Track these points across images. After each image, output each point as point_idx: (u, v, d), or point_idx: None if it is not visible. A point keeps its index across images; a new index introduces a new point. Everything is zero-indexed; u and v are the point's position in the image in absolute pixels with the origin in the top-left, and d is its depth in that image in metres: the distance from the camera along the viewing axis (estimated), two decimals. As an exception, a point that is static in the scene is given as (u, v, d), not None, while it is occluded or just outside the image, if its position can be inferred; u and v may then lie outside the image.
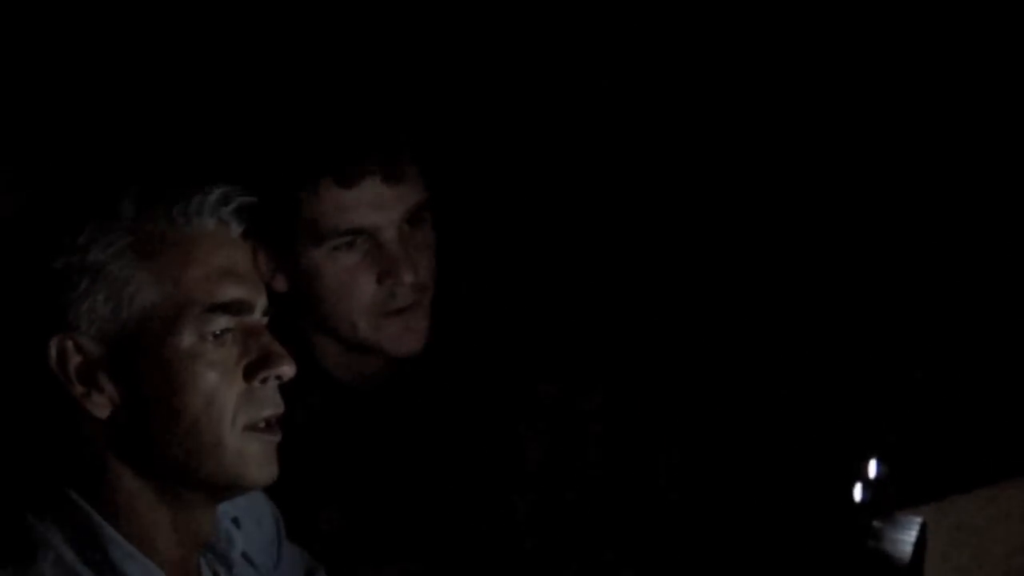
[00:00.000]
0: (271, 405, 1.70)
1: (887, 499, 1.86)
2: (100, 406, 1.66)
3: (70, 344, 1.65)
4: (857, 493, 1.91)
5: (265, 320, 1.74)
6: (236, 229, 1.73)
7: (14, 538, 1.65)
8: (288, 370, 1.71)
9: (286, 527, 1.94)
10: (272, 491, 1.88)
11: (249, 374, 1.69)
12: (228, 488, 1.71)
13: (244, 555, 1.82)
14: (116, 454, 1.67)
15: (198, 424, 1.66)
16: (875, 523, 1.80)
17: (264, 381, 1.69)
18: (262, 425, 1.70)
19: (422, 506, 2.23)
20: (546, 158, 2.77)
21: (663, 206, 2.78)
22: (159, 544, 1.69)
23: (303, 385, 2.09)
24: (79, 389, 1.65)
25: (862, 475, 1.92)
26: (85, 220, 1.66)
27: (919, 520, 1.77)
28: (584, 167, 2.77)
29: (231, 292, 1.68)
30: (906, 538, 1.78)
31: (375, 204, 2.17)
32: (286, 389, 1.76)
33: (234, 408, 1.67)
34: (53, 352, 1.64)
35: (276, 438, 1.71)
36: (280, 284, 2.21)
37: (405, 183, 2.19)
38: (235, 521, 1.81)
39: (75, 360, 1.65)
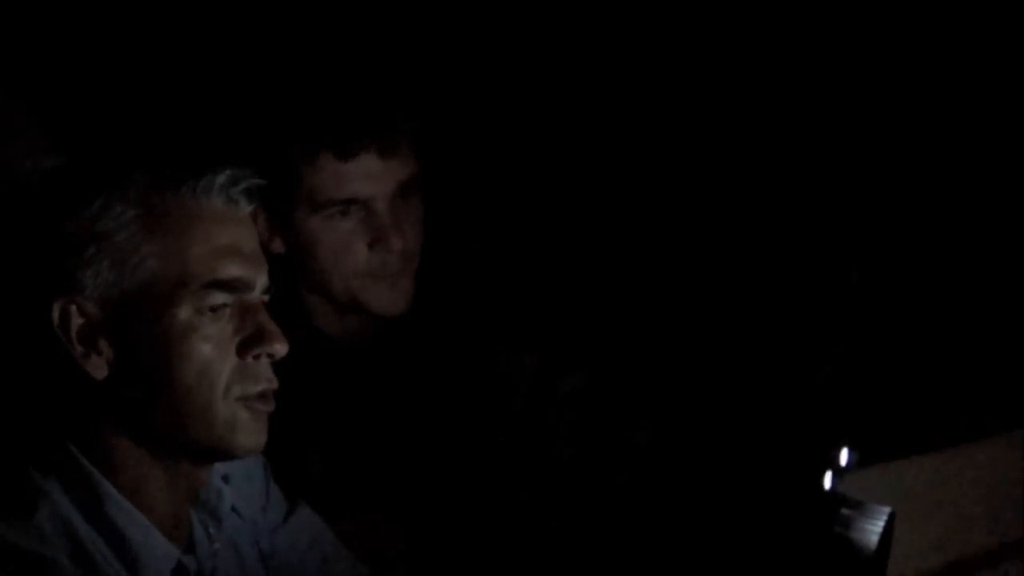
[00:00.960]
0: (264, 380, 1.76)
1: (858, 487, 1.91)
2: (98, 368, 1.71)
3: (73, 307, 1.70)
4: (827, 481, 1.97)
5: (265, 298, 1.79)
6: (244, 208, 1.78)
7: (16, 490, 1.71)
8: (281, 348, 1.76)
9: (274, 473, 2.00)
10: (278, 449, 1.96)
11: (243, 350, 1.74)
12: (218, 453, 1.76)
13: (233, 508, 1.88)
14: (112, 414, 1.73)
15: (190, 393, 1.71)
16: (843, 511, 1.86)
17: (257, 357, 1.75)
18: (255, 396, 1.75)
19: (404, 455, 2.33)
20: (537, 136, 2.82)
21: (646, 188, 2.83)
22: (152, 499, 1.75)
23: (295, 340, 2.21)
24: (79, 350, 1.71)
25: (833, 463, 1.98)
26: (98, 191, 1.71)
27: (888, 510, 1.82)
28: (574, 145, 2.82)
29: (231, 270, 1.74)
30: (873, 527, 1.83)
31: (370, 176, 2.29)
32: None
33: (227, 381, 1.73)
34: (56, 314, 1.70)
35: (268, 408, 1.77)
36: (277, 246, 2.32)
37: (398, 157, 2.31)
38: (225, 478, 1.87)
39: (77, 322, 1.70)
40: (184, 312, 1.71)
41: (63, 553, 1.68)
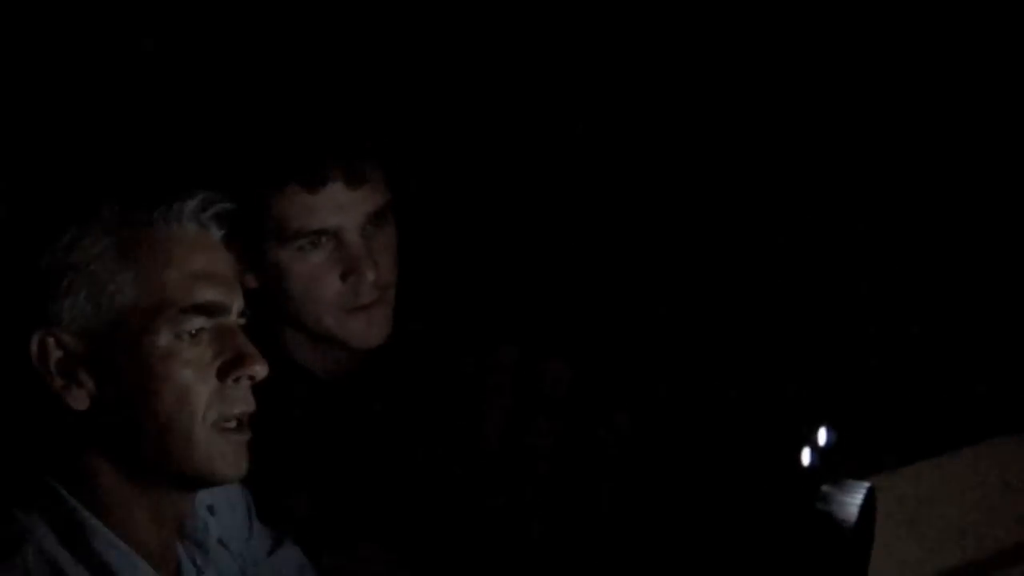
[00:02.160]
0: (242, 403, 1.75)
1: (836, 465, 1.92)
2: (79, 400, 1.70)
3: (51, 340, 1.69)
4: (806, 458, 1.98)
5: (241, 321, 1.78)
6: (216, 233, 1.78)
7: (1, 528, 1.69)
8: (260, 370, 1.76)
9: (260, 513, 1.99)
10: (246, 479, 1.94)
11: (223, 373, 1.73)
12: (199, 481, 1.75)
13: (220, 541, 1.87)
14: (95, 446, 1.71)
15: (171, 420, 1.70)
16: (824, 488, 1.87)
17: (237, 380, 1.74)
18: (232, 424, 1.74)
19: (390, 490, 2.30)
20: (505, 130, 2.82)
21: (620, 178, 2.82)
22: (139, 532, 1.74)
23: (274, 376, 2.19)
24: (59, 383, 1.70)
25: (811, 441, 1.98)
26: (70, 222, 1.70)
27: (867, 485, 1.83)
28: (549, 147, 2.83)
29: (207, 294, 1.73)
30: (853, 501, 1.83)
31: (338, 206, 2.25)
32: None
33: (205, 405, 1.72)
34: (35, 347, 1.69)
35: (245, 437, 1.76)
36: (250, 281, 2.27)
37: (368, 186, 2.27)
38: (210, 508, 1.86)
39: (56, 355, 1.69)
40: (163, 338, 1.70)
41: None
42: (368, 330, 2.29)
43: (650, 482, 2.39)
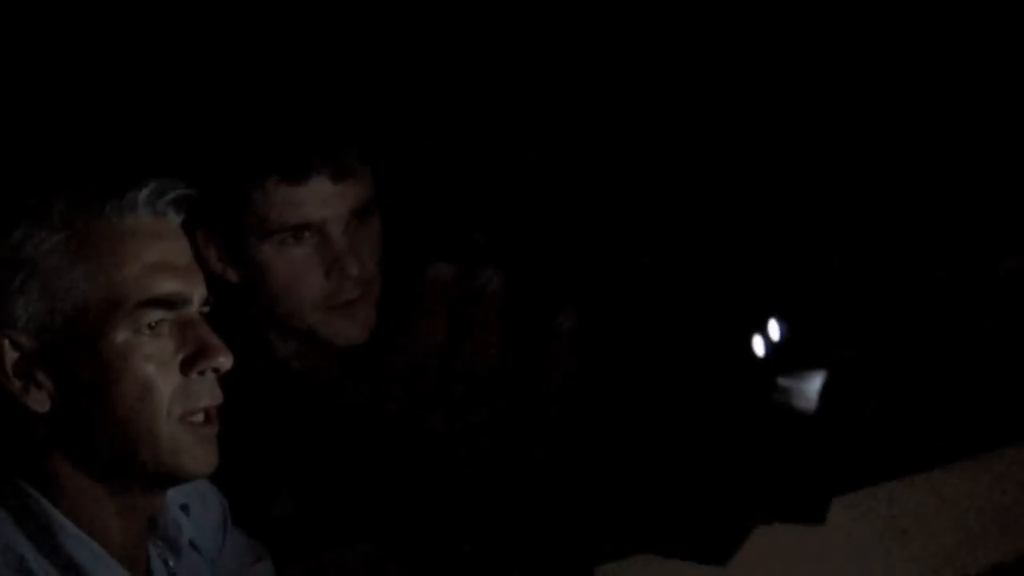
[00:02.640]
0: (208, 396, 1.69)
1: (791, 357, 1.88)
2: (39, 401, 1.65)
3: (6, 341, 1.64)
4: (759, 348, 1.93)
5: (205, 310, 1.72)
6: (174, 220, 1.72)
7: None
8: (225, 361, 1.69)
9: (240, 515, 1.93)
10: (226, 479, 1.88)
11: (186, 367, 1.68)
12: (167, 478, 1.69)
13: (191, 542, 1.81)
14: (58, 446, 1.66)
15: (133, 416, 1.65)
16: (780, 380, 1.83)
17: (201, 373, 1.68)
18: (200, 418, 1.69)
19: (372, 488, 2.23)
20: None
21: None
22: (107, 531, 1.68)
23: (255, 373, 2.14)
24: (16, 384, 1.64)
25: (764, 333, 1.94)
26: (19, 218, 1.65)
27: (823, 373, 1.79)
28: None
29: (165, 286, 1.67)
30: (811, 389, 1.80)
31: (322, 200, 2.20)
32: (238, 377, 1.76)
33: (169, 400, 1.66)
34: None
35: (213, 430, 1.70)
36: (232, 276, 2.24)
37: (351, 180, 2.22)
38: (184, 508, 1.80)
39: (11, 356, 1.64)
40: (121, 334, 1.65)
41: None
42: (351, 327, 2.24)
43: (601, 381, 2.33)
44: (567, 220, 2.66)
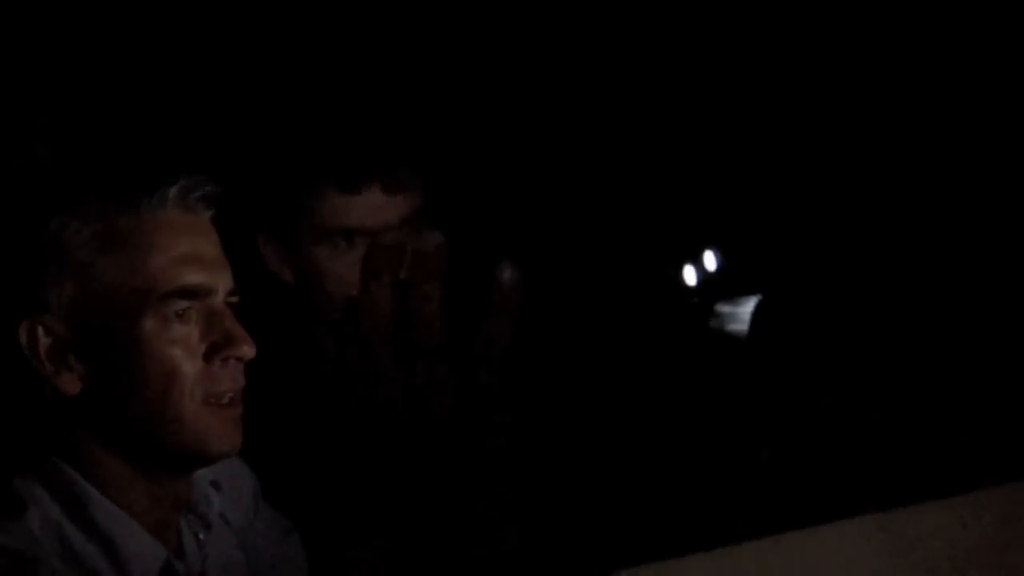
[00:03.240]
0: (229, 380, 1.76)
1: (726, 285, 1.90)
2: (70, 383, 1.73)
3: (40, 327, 1.72)
4: (689, 277, 1.96)
5: (233, 300, 1.79)
6: (204, 215, 1.79)
7: (3, 497, 1.73)
8: (248, 350, 1.77)
9: (275, 500, 2.01)
10: (267, 465, 1.98)
11: (210, 355, 1.75)
12: (192, 458, 1.77)
13: (222, 516, 1.88)
14: (90, 426, 1.74)
15: (159, 398, 1.72)
16: (717, 307, 1.85)
17: (224, 361, 1.75)
18: (224, 400, 1.76)
19: (404, 485, 2.29)
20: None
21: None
22: (138, 505, 1.76)
23: (300, 368, 2.23)
24: (49, 368, 1.72)
25: (697, 263, 1.96)
26: (56, 210, 1.73)
27: (756, 298, 1.82)
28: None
29: (191, 277, 1.74)
30: (744, 312, 1.82)
31: (374, 209, 2.30)
32: (285, 371, 1.83)
33: (192, 383, 1.73)
34: (24, 335, 1.72)
35: (236, 411, 1.77)
36: (288, 276, 2.35)
37: (403, 191, 2.32)
38: (214, 484, 1.87)
39: (44, 342, 1.72)
40: (149, 323, 1.72)
41: (54, 554, 1.70)
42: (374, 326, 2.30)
43: (546, 328, 2.36)
44: (504, 172, 2.68)
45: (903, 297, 2.24)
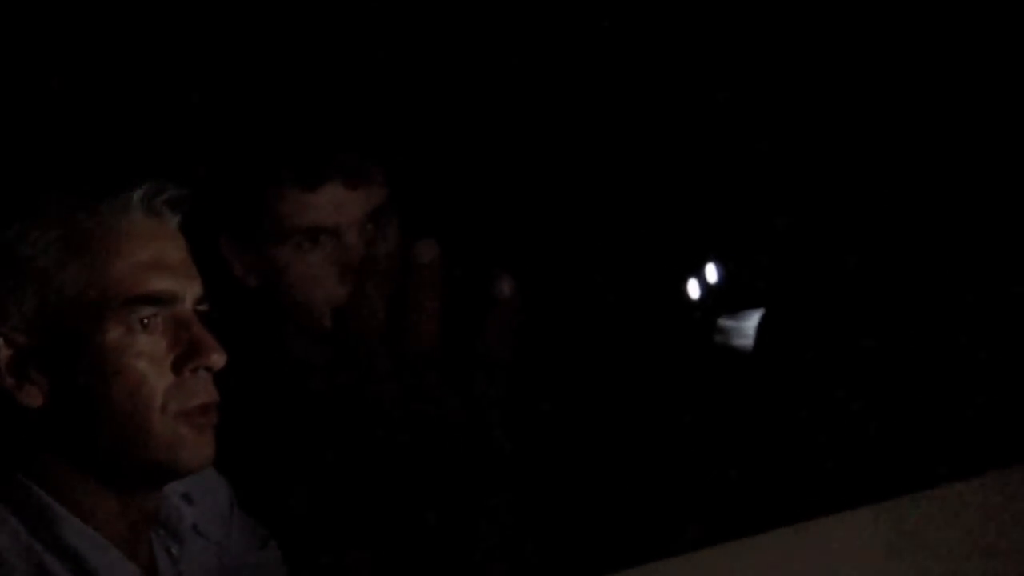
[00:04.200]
0: (202, 394, 1.69)
1: (729, 299, 1.87)
2: (32, 397, 1.66)
3: (0, 339, 1.65)
4: (693, 291, 1.93)
5: (202, 308, 1.72)
6: (170, 220, 1.72)
7: None
8: (218, 359, 1.69)
9: (254, 508, 1.94)
10: (241, 474, 1.92)
11: (178, 365, 1.68)
12: (163, 473, 1.70)
13: (195, 528, 1.81)
14: (55, 441, 1.67)
15: (127, 412, 1.65)
16: (720, 321, 1.82)
17: (194, 371, 1.68)
18: (196, 412, 1.69)
19: (384, 489, 2.25)
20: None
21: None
22: (108, 522, 1.69)
23: (272, 373, 2.16)
24: (10, 381, 1.65)
25: (700, 276, 1.93)
26: (13, 216, 1.67)
27: (760, 311, 1.79)
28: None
29: (155, 283, 1.67)
30: (748, 327, 1.79)
31: (337, 205, 2.24)
32: (256, 376, 1.77)
33: (163, 397, 1.66)
34: None
35: (210, 422, 1.70)
36: (252, 279, 2.27)
37: (365, 187, 2.25)
38: (186, 496, 1.81)
39: (5, 354, 1.65)
40: (112, 332, 1.65)
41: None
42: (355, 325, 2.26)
43: (547, 337, 2.31)
44: (500, 184, 2.64)
45: (904, 305, 2.21)
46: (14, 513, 1.67)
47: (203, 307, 1.73)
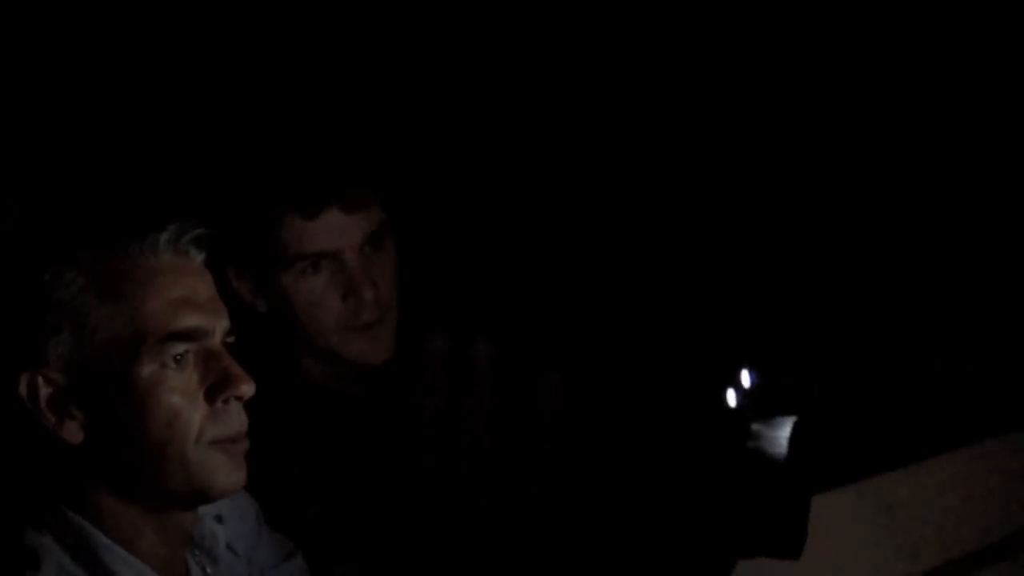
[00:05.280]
0: (235, 423, 1.75)
1: (763, 404, 1.91)
2: (72, 433, 1.71)
3: (40, 379, 1.70)
4: (731, 399, 1.97)
5: (230, 340, 1.79)
6: (196, 258, 1.79)
7: (16, 549, 1.72)
8: (248, 389, 1.76)
9: (272, 522, 2.02)
10: (262, 491, 1.98)
11: (211, 396, 1.74)
12: (199, 498, 1.76)
13: (229, 547, 1.89)
14: (95, 473, 1.73)
15: (163, 444, 1.71)
16: (753, 427, 1.86)
17: (226, 402, 1.75)
18: (229, 439, 1.75)
19: (391, 502, 2.33)
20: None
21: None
22: (146, 547, 1.76)
23: (288, 395, 2.24)
24: (51, 419, 1.71)
25: (735, 382, 1.98)
26: (49, 260, 1.72)
27: (793, 419, 1.83)
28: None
29: (187, 320, 1.73)
30: (782, 435, 1.83)
31: (336, 231, 2.32)
32: (273, 399, 1.84)
33: (198, 428, 1.73)
34: (24, 387, 1.70)
35: (242, 449, 1.77)
36: (262, 306, 2.36)
37: (363, 210, 2.33)
38: (218, 518, 1.87)
39: (45, 393, 1.71)
40: (147, 368, 1.71)
41: None
42: (372, 348, 2.35)
43: (588, 441, 2.38)
44: (552, 287, 2.71)
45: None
46: (57, 541, 1.73)
47: (231, 339, 1.80)
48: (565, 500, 2.31)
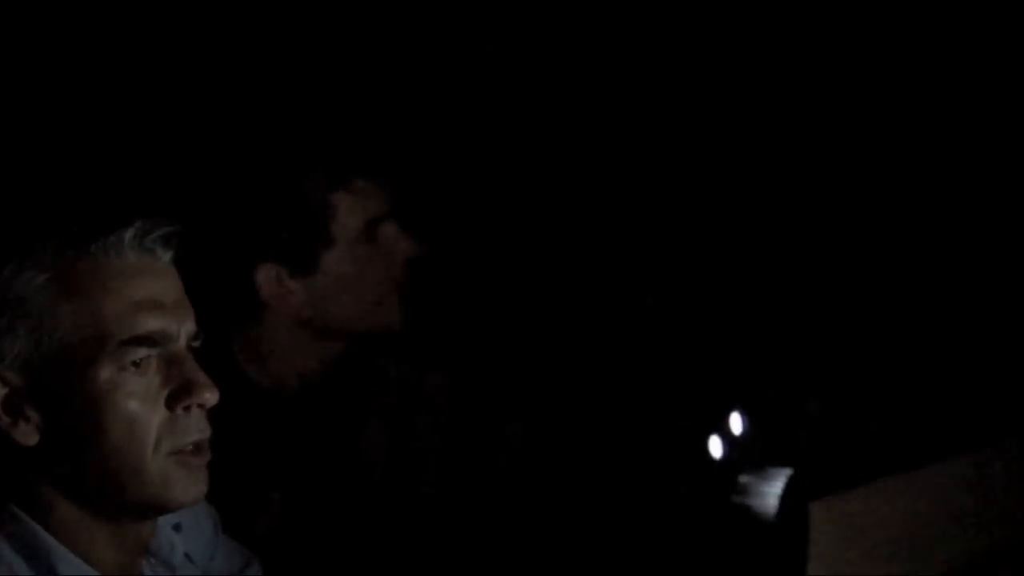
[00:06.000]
0: (196, 431, 1.68)
1: (752, 454, 1.83)
2: (27, 435, 1.65)
3: None
4: (716, 449, 1.89)
5: (196, 344, 1.71)
6: (163, 257, 1.71)
7: None
8: (211, 397, 1.68)
9: (231, 525, 1.95)
10: (217, 498, 1.91)
11: (171, 402, 1.67)
12: (155, 508, 1.70)
13: (186, 556, 1.82)
14: (49, 476, 1.67)
15: (119, 451, 1.65)
16: (741, 478, 1.77)
17: (187, 409, 1.68)
18: (189, 449, 1.68)
19: (339, 500, 2.31)
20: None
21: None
22: (100, 554, 1.70)
23: (240, 402, 2.19)
24: (5, 420, 1.65)
25: (723, 430, 1.90)
26: (6, 257, 1.65)
27: (787, 471, 1.74)
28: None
29: (150, 324, 1.66)
30: (772, 490, 1.74)
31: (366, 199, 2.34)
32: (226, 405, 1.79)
33: (156, 435, 1.66)
34: None
35: (204, 460, 1.70)
36: (296, 294, 2.36)
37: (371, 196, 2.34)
38: (176, 527, 1.81)
39: (0, 392, 1.65)
40: (105, 371, 1.64)
41: None
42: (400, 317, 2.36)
43: (551, 488, 2.33)
44: (518, 324, 2.67)
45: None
46: (10, 546, 1.67)
47: (197, 343, 1.72)
48: (521, 549, 2.25)
